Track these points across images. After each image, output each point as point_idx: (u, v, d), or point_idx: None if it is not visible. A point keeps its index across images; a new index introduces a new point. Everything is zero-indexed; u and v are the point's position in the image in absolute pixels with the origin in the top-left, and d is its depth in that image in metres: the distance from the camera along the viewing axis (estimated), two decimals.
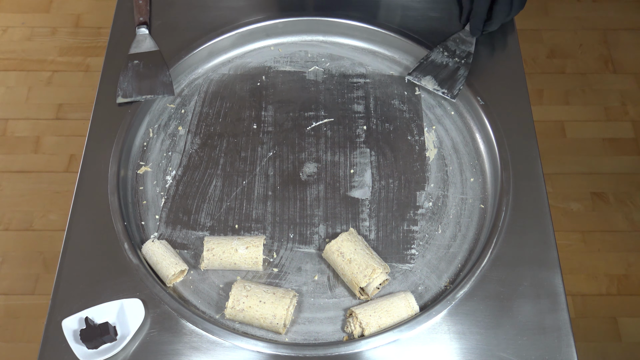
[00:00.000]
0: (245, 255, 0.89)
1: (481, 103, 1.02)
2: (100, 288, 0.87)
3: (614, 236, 1.82)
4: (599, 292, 1.73)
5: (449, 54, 1.06)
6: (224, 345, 0.83)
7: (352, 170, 1.00)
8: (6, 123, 2.02)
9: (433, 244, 0.93)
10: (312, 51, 1.13)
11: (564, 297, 0.87)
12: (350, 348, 0.82)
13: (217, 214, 0.96)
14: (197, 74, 1.10)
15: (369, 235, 0.94)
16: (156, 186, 0.99)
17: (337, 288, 0.90)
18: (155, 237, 0.94)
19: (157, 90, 1.04)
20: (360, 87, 1.08)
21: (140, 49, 1.08)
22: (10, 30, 2.23)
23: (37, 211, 1.86)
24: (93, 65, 2.15)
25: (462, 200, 0.97)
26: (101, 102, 1.04)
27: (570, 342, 0.84)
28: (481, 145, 1.02)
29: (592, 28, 2.23)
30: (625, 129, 2.01)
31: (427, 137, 1.03)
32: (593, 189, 1.89)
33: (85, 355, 0.81)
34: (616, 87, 2.09)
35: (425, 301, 0.89)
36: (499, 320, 0.85)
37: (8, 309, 1.71)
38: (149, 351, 0.83)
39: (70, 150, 1.97)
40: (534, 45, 2.18)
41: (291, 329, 0.86)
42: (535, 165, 0.98)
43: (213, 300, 0.89)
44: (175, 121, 1.05)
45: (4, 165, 1.94)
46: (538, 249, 0.90)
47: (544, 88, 2.09)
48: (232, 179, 0.99)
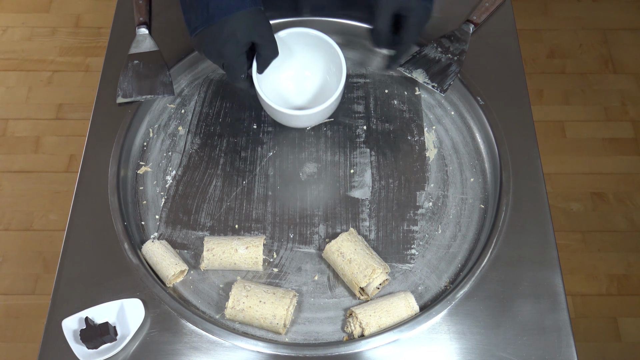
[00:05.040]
0: (245, 255, 0.89)
1: (481, 103, 1.02)
2: (100, 288, 0.87)
3: (614, 236, 1.82)
4: (599, 292, 1.73)
5: (443, 50, 1.06)
6: (224, 345, 0.83)
7: (352, 170, 1.00)
8: (6, 123, 2.03)
9: (433, 244, 0.93)
10: None
11: (564, 297, 0.87)
12: (350, 348, 0.82)
13: (217, 214, 0.96)
14: (197, 74, 1.10)
15: (369, 235, 0.94)
16: (156, 186, 0.99)
17: (337, 288, 0.90)
18: (155, 237, 0.94)
19: (157, 90, 1.04)
20: (360, 87, 1.08)
21: (140, 49, 1.08)
22: (10, 30, 2.23)
23: (37, 211, 1.86)
24: (93, 65, 2.15)
25: (462, 200, 0.97)
26: (101, 102, 1.04)
27: (570, 342, 0.84)
28: (481, 145, 1.02)
29: (592, 28, 2.23)
30: (625, 129, 2.01)
31: (427, 137, 1.03)
32: (593, 189, 1.90)
33: (85, 355, 0.81)
34: (616, 87, 2.09)
35: (425, 301, 0.89)
36: (499, 320, 0.85)
37: (8, 309, 1.71)
38: (149, 351, 0.83)
39: (70, 150, 1.97)
40: (534, 45, 2.18)
41: (291, 329, 0.86)
42: (535, 165, 0.98)
43: (213, 300, 0.89)
44: (175, 121, 1.05)
45: (4, 165, 1.95)
46: (538, 249, 0.90)
47: (544, 88, 2.09)
48: (232, 179, 0.99)
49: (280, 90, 1.02)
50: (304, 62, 1.01)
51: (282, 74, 1.01)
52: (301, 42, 0.97)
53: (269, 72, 0.95)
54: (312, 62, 1.01)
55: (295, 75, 1.03)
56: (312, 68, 1.02)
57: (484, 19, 1.11)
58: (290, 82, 1.03)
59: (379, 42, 0.92)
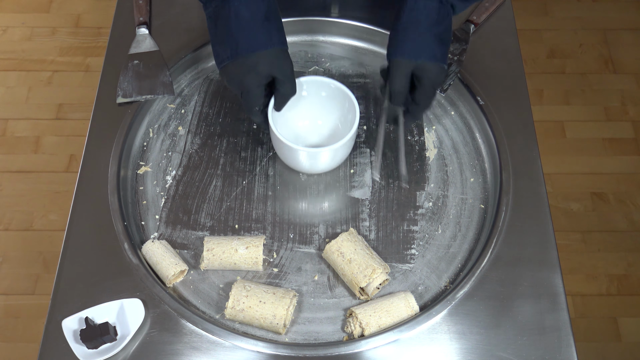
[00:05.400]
0: (245, 255, 0.89)
1: (481, 103, 1.02)
2: (100, 288, 0.87)
3: (614, 236, 1.82)
4: (599, 292, 1.73)
5: None
6: (224, 345, 0.83)
7: (352, 170, 1.00)
8: (6, 123, 2.03)
9: (433, 244, 0.93)
10: (312, 51, 1.13)
11: (564, 297, 0.87)
12: (350, 348, 0.82)
13: (217, 214, 0.96)
14: (197, 74, 1.10)
15: (369, 235, 0.94)
16: (156, 186, 0.99)
17: (337, 288, 0.90)
18: (155, 237, 0.94)
19: (157, 90, 1.04)
20: (360, 87, 1.08)
21: (140, 49, 1.08)
22: (10, 30, 2.23)
23: (37, 211, 1.86)
24: (93, 65, 2.15)
25: (462, 200, 0.97)
26: (101, 102, 1.04)
27: (570, 342, 0.84)
28: (481, 145, 1.02)
29: (592, 28, 2.23)
30: (625, 129, 2.01)
31: (427, 137, 1.03)
32: (593, 189, 1.90)
33: (85, 355, 0.81)
34: (616, 87, 2.09)
35: (425, 301, 0.89)
36: (499, 320, 0.85)
37: (8, 309, 1.71)
38: (149, 351, 0.83)
39: (70, 150, 1.97)
40: (534, 45, 2.18)
41: (291, 329, 0.86)
42: (535, 165, 0.98)
43: (213, 300, 0.89)
44: (175, 121, 1.05)
45: (4, 165, 1.94)
46: (538, 249, 0.90)
47: (544, 88, 2.09)
48: (232, 179, 0.99)
49: (295, 130, 0.99)
50: (319, 109, 0.99)
51: (296, 118, 0.99)
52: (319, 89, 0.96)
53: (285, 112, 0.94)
54: (326, 110, 0.98)
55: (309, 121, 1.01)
56: (325, 116, 0.99)
57: (484, 19, 1.12)
58: (303, 123, 1.00)
59: (395, 101, 0.92)
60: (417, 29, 0.87)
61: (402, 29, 0.88)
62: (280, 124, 0.93)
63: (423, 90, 0.90)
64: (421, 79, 0.88)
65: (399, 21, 0.88)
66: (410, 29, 0.87)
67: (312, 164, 0.94)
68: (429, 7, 0.86)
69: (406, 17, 0.87)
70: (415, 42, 0.87)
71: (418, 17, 0.87)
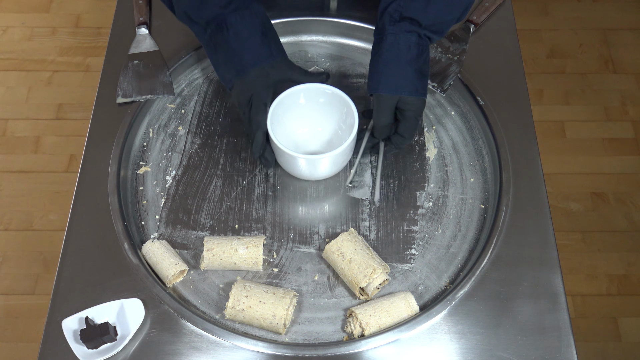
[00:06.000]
0: (245, 255, 0.89)
1: (481, 103, 1.02)
2: (100, 288, 0.87)
3: (614, 236, 1.82)
4: (599, 292, 1.73)
5: (443, 50, 1.06)
6: (224, 345, 0.83)
7: (352, 170, 1.00)
8: (6, 123, 2.03)
9: (433, 244, 0.93)
10: (312, 51, 1.13)
11: (564, 297, 0.87)
12: (350, 348, 0.82)
13: (217, 214, 0.96)
14: (197, 74, 1.10)
15: (369, 235, 0.94)
16: (156, 186, 0.99)
17: (337, 288, 0.90)
18: (155, 237, 0.94)
19: (157, 90, 1.04)
20: (360, 87, 1.08)
21: (140, 49, 1.08)
22: (10, 30, 2.23)
23: (37, 211, 1.86)
24: (93, 65, 2.15)
25: (462, 200, 0.97)
26: (101, 102, 1.04)
27: (570, 342, 0.84)
28: (481, 145, 1.02)
29: (592, 28, 2.23)
30: (625, 129, 2.01)
31: (427, 137, 1.03)
32: (593, 189, 1.90)
33: (85, 355, 0.81)
34: (616, 87, 2.09)
35: (425, 301, 0.89)
36: (499, 320, 0.85)
37: (8, 309, 1.71)
38: (149, 351, 0.83)
39: (70, 150, 1.97)
40: (534, 45, 2.18)
41: (291, 329, 0.86)
42: (535, 165, 0.98)
43: (213, 300, 0.89)
44: (175, 121, 1.05)
45: (4, 165, 1.94)
46: (538, 249, 0.90)
47: (544, 88, 2.09)
48: (232, 179, 0.99)
49: (294, 138, 0.99)
50: (317, 115, 0.98)
51: (296, 126, 0.98)
52: (317, 96, 0.96)
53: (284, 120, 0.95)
54: (325, 116, 0.98)
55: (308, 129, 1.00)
56: (324, 123, 0.99)
57: (484, 19, 1.12)
58: (303, 131, 1.00)
59: (379, 135, 0.95)
60: (398, 64, 0.89)
61: (384, 63, 0.90)
62: (279, 132, 0.93)
63: (407, 123, 0.93)
64: (404, 112, 0.91)
65: (380, 57, 0.90)
66: (391, 64, 0.89)
67: (313, 171, 0.94)
68: (409, 42, 0.89)
69: (387, 52, 0.89)
70: (397, 77, 0.90)
71: (398, 52, 0.89)
